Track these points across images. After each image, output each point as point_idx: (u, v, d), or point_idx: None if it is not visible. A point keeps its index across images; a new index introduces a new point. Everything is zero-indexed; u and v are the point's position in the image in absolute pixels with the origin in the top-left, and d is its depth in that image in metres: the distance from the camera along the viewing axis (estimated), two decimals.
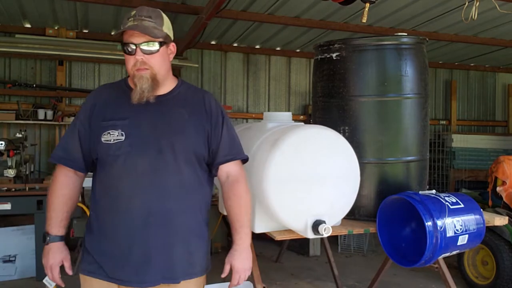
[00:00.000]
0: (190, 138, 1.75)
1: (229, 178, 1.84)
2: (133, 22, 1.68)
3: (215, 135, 1.80)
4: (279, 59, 6.63)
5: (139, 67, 1.69)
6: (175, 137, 1.73)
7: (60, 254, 1.79)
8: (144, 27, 1.67)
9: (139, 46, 1.68)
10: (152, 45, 1.69)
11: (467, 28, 5.21)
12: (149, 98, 1.71)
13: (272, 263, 5.06)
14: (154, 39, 1.69)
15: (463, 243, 2.58)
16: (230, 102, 6.35)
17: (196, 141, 1.77)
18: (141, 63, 1.69)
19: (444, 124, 7.48)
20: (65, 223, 1.78)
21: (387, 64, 2.81)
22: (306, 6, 4.50)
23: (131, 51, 1.69)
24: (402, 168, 2.88)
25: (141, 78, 1.69)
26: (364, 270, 4.79)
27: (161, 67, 1.74)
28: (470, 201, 2.72)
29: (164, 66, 1.76)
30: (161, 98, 1.76)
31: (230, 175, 1.84)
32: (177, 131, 1.74)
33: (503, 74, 7.93)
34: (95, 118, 1.76)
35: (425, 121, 2.95)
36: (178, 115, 1.77)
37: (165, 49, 1.75)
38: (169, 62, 1.81)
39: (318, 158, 2.32)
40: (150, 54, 1.69)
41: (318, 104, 3.05)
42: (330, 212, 2.36)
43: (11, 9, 4.64)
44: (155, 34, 1.69)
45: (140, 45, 1.68)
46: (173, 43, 1.82)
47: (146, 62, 1.69)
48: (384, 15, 4.78)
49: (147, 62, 1.69)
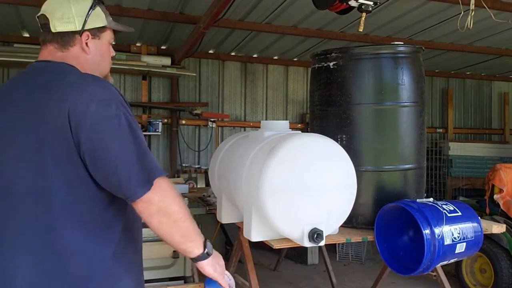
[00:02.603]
0: None
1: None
2: (114, 22, 1.61)
3: None
4: (277, 68, 6.67)
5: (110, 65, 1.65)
6: None
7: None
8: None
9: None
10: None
11: (462, 37, 5.25)
12: None
13: (270, 271, 5.04)
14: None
15: (461, 251, 2.58)
16: (228, 111, 6.37)
17: None
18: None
19: (441, 132, 7.52)
20: None
21: (383, 72, 2.83)
22: (303, 15, 4.53)
23: (111, 48, 1.63)
24: (400, 176, 2.88)
25: (110, 79, 1.68)
26: (363, 279, 4.78)
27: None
28: (467, 209, 2.73)
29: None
30: None
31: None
32: None
33: (499, 83, 7.98)
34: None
35: (422, 129, 2.96)
36: None
37: None
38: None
39: (314, 166, 2.32)
40: None
41: (315, 113, 3.07)
42: (327, 221, 2.36)
43: (9, 18, 4.66)
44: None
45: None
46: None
47: None
48: (380, 24, 4.82)
49: None
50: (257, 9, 4.35)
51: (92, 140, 1.26)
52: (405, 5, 4.28)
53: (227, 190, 2.77)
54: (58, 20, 1.47)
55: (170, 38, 5.36)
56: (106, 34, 1.56)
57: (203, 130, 6.25)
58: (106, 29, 1.56)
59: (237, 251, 3.09)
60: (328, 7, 2.59)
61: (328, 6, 2.58)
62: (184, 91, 6.12)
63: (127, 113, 1.33)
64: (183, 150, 6.10)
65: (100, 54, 1.55)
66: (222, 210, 2.90)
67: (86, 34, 1.49)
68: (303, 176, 2.29)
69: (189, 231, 1.40)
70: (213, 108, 6.28)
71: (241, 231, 2.70)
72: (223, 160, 2.82)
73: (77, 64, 1.47)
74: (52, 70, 1.44)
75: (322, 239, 2.28)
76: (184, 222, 1.37)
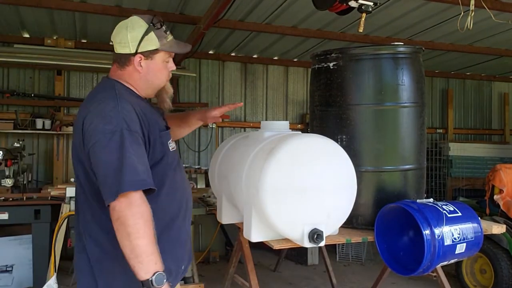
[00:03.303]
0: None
1: (170, 118, 2.17)
2: (177, 45, 1.86)
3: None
4: (277, 69, 6.67)
5: (168, 79, 1.90)
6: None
7: None
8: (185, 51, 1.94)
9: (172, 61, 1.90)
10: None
11: (462, 38, 5.25)
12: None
13: (270, 272, 5.04)
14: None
15: (461, 251, 2.58)
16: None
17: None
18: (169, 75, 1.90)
19: (441, 132, 7.52)
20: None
21: (383, 73, 2.83)
22: (303, 16, 4.53)
23: (166, 65, 1.86)
24: (400, 177, 2.88)
25: (169, 89, 1.93)
26: (363, 279, 4.78)
27: None
28: (467, 209, 2.73)
29: None
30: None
31: (169, 117, 2.19)
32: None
33: (499, 83, 7.98)
34: (152, 129, 1.72)
35: (422, 129, 2.96)
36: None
37: None
38: None
39: (314, 167, 2.32)
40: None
41: (315, 113, 3.07)
42: (327, 221, 2.36)
43: (10, 19, 4.66)
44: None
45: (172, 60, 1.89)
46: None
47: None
48: (380, 25, 4.82)
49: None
50: (257, 9, 4.35)
51: (90, 151, 1.57)
52: (405, 6, 4.28)
53: (227, 190, 2.77)
54: (118, 44, 1.78)
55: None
56: (159, 55, 1.80)
57: (203, 131, 6.25)
58: (159, 51, 1.80)
59: (237, 251, 3.09)
60: (328, 8, 2.59)
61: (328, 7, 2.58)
62: (184, 92, 6.13)
63: (124, 130, 1.56)
64: (183, 151, 6.11)
65: (153, 72, 1.81)
66: (222, 210, 2.90)
67: (139, 56, 1.76)
68: (303, 177, 2.29)
69: (140, 251, 1.47)
70: None
71: (241, 231, 2.70)
72: (223, 160, 2.82)
73: (130, 80, 1.79)
74: (102, 85, 1.81)
75: (322, 239, 2.28)
76: (137, 239, 1.46)
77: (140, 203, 1.50)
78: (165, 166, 1.76)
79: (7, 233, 4.30)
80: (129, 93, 1.77)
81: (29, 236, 4.12)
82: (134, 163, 1.53)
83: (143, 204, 1.52)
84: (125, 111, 1.61)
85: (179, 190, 1.84)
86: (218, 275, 4.67)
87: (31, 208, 3.97)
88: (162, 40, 1.78)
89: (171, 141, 1.84)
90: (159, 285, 1.47)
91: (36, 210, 3.96)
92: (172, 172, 1.80)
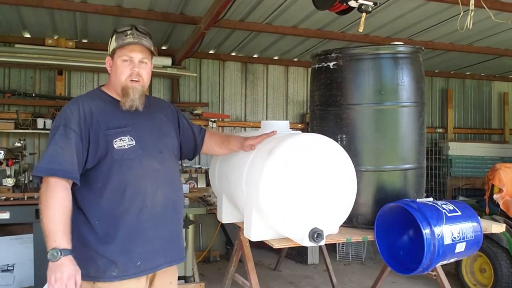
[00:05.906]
0: (173, 138, 2.12)
1: (213, 136, 2.37)
2: (132, 38, 1.93)
3: (184, 128, 2.23)
4: (277, 68, 6.68)
5: (133, 79, 1.94)
6: (165, 139, 2.06)
7: (75, 268, 1.71)
8: (144, 44, 1.96)
9: (138, 60, 1.95)
10: (147, 60, 1.98)
11: (462, 38, 5.26)
12: (137, 106, 1.96)
13: (271, 271, 5.05)
14: (149, 55, 1.99)
15: (460, 250, 2.59)
16: (228, 111, 6.38)
17: (175, 140, 2.15)
18: (136, 75, 1.94)
19: (441, 132, 7.52)
20: (69, 236, 1.74)
21: (383, 73, 2.84)
22: (303, 16, 4.54)
23: (129, 63, 1.94)
24: (400, 176, 2.89)
25: (135, 89, 1.94)
26: (363, 278, 4.79)
27: (148, 80, 2.03)
28: (467, 208, 2.74)
29: (149, 79, 2.05)
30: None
31: (213, 134, 2.38)
32: (165, 133, 2.08)
33: (499, 83, 7.98)
34: (95, 127, 1.88)
35: (422, 129, 2.97)
36: (160, 119, 2.10)
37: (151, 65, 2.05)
38: None
39: (314, 166, 2.33)
40: (144, 68, 1.98)
41: (315, 113, 3.08)
42: (327, 220, 2.38)
43: (11, 19, 4.67)
44: (151, 51, 2.00)
45: (139, 59, 1.95)
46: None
47: (140, 75, 1.96)
48: (380, 25, 4.83)
49: (141, 74, 1.96)
50: (257, 9, 4.36)
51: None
52: (405, 6, 4.28)
53: (228, 190, 2.78)
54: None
55: (171, 39, 5.37)
56: (116, 54, 1.95)
57: None
58: (115, 50, 1.95)
59: (237, 250, 3.10)
60: (328, 8, 2.60)
61: (328, 7, 2.59)
62: (184, 92, 6.13)
63: (61, 126, 1.83)
64: None
65: (114, 71, 1.97)
66: (223, 210, 2.91)
67: (107, 58, 2.01)
68: (303, 176, 2.30)
69: (44, 228, 1.73)
70: (213, 108, 6.29)
71: (242, 230, 2.71)
72: (224, 160, 2.83)
73: (109, 82, 2.02)
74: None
75: (322, 238, 2.29)
76: (44, 218, 1.74)
77: (53, 188, 1.76)
78: (112, 162, 1.87)
79: (8, 232, 4.31)
80: (97, 95, 2.00)
81: (30, 235, 4.13)
82: (55, 153, 1.78)
83: (56, 189, 1.76)
84: (68, 110, 1.88)
85: (133, 186, 1.89)
86: (218, 274, 4.69)
87: (32, 207, 3.98)
88: (119, 40, 1.94)
89: (125, 138, 1.90)
90: (50, 259, 1.68)
91: (37, 209, 3.93)
92: (124, 169, 1.88)
